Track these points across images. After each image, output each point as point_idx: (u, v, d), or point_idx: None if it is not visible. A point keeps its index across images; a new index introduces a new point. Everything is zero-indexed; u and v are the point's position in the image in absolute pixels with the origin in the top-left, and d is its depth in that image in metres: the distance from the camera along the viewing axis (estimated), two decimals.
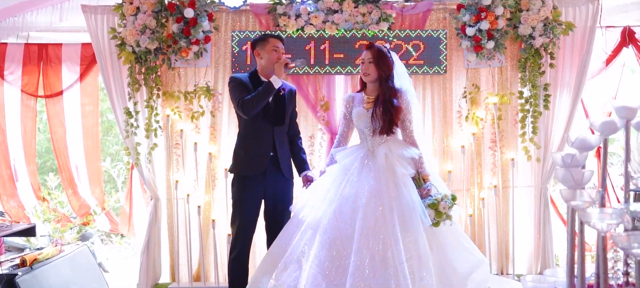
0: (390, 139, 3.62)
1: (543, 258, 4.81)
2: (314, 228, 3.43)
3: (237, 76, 3.86)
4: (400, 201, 3.37)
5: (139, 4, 4.63)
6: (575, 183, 1.46)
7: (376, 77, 3.65)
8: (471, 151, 4.81)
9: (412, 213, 3.33)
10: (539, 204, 4.82)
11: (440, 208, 3.35)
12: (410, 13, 4.82)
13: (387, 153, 3.54)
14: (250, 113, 3.69)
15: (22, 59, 5.58)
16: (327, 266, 3.27)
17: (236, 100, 3.75)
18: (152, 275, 4.86)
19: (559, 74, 4.76)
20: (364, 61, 3.68)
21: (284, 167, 3.83)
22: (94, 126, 5.74)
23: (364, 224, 3.30)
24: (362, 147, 3.69)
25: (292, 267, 3.38)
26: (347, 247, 3.28)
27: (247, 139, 3.83)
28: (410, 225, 3.29)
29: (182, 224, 4.87)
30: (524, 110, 4.70)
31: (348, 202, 3.43)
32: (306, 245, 3.41)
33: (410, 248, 3.23)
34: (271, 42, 3.80)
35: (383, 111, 3.57)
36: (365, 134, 3.68)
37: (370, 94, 3.71)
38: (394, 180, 3.45)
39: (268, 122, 3.78)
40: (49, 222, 5.81)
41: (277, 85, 3.68)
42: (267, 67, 3.80)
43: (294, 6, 4.72)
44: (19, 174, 5.78)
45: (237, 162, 3.87)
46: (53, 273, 4.20)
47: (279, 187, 3.85)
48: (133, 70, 4.71)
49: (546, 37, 4.60)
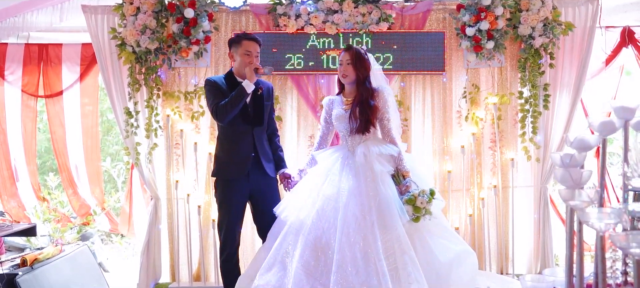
0: (369, 137, 3.67)
1: (543, 258, 4.81)
2: (298, 228, 3.48)
3: (213, 78, 3.84)
4: (378, 198, 3.41)
5: (139, 4, 4.64)
6: (574, 183, 1.46)
7: (354, 79, 3.70)
8: (471, 151, 4.81)
9: (390, 210, 3.37)
10: (538, 204, 4.82)
11: (417, 204, 3.37)
12: (410, 13, 4.83)
13: (366, 152, 3.58)
14: (225, 119, 3.68)
15: (22, 59, 5.59)
16: (311, 265, 3.33)
17: (210, 106, 3.74)
18: (152, 275, 4.86)
19: (558, 74, 4.77)
20: (342, 63, 3.72)
21: (266, 166, 3.83)
22: (93, 126, 5.75)
23: (344, 223, 3.35)
24: (343, 147, 3.76)
25: (276, 267, 3.43)
26: (330, 246, 3.34)
27: (228, 143, 3.81)
28: (388, 222, 3.34)
29: (182, 224, 4.87)
30: (523, 110, 4.71)
31: (330, 202, 3.48)
32: (290, 245, 3.46)
33: (392, 244, 3.29)
34: (244, 45, 3.76)
35: (360, 111, 3.62)
36: (344, 134, 3.76)
37: (348, 96, 3.77)
38: (372, 178, 3.49)
39: (247, 124, 3.77)
40: (49, 222, 5.81)
41: (249, 90, 3.66)
42: (239, 69, 3.80)
43: (294, 6, 4.73)
44: (19, 174, 5.78)
45: (219, 167, 3.86)
46: (53, 273, 4.21)
47: (263, 186, 3.83)
48: (133, 70, 4.71)
49: (546, 37, 4.60)
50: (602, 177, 1.62)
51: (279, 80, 4.88)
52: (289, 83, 4.89)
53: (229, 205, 3.81)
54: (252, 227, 4.47)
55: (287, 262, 3.41)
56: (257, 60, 3.80)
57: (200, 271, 4.86)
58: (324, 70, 4.79)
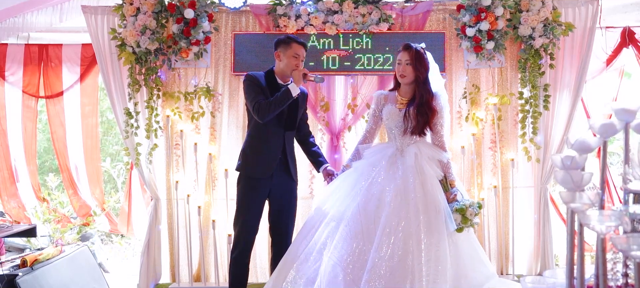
0: (420, 140, 3.60)
1: (543, 258, 4.80)
2: (338, 221, 3.40)
3: (253, 74, 3.82)
4: (426, 202, 3.34)
5: (139, 5, 4.63)
6: (574, 186, 1.46)
7: (413, 79, 3.61)
8: (471, 151, 4.81)
9: (438, 215, 3.31)
10: (538, 205, 4.82)
11: (467, 215, 3.34)
12: (410, 14, 4.82)
13: (417, 154, 3.51)
14: (266, 118, 3.66)
15: (22, 60, 5.58)
16: (346, 259, 3.24)
17: (252, 102, 3.71)
18: (153, 276, 4.86)
19: (558, 75, 4.76)
20: (400, 62, 3.63)
21: (292, 169, 3.84)
22: (93, 126, 5.74)
23: (387, 222, 3.27)
24: (391, 146, 3.67)
25: (313, 257, 3.37)
26: (368, 243, 3.26)
27: (257, 141, 3.80)
28: (434, 228, 3.27)
29: (182, 225, 4.87)
30: (524, 111, 4.70)
31: (373, 198, 3.40)
32: (328, 237, 3.39)
33: (431, 250, 3.21)
34: (294, 48, 3.76)
35: (418, 113, 3.54)
36: (395, 133, 3.66)
37: (404, 95, 3.68)
38: (422, 181, 3.42)
39: (280, 127, 3.77)
40: (49, 223, 5.81)
41: (295, 93, 3.65)
42: (284, 70, 3.79)
43: (294, 7, 4.73)
44: (19, 174, 5.78)
45: (245, 163, 3.84)
46: (54, 274, 4.21)
47: (285, 189, 3.84)
48: (133, 71, 4.71)
49: (546, 37, 4.60)
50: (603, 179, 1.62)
51: None
52: None
53: (248, 203, 3.80)
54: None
55: (325, 254, 3.33)
56: (302, 65, 3.81)
57: (201, 271, 4.86)
58: (324, 71, 4.78)
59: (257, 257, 4.86)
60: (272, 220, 3.90)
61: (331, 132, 4.83)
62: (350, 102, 4.84)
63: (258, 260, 4.86)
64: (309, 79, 3.76)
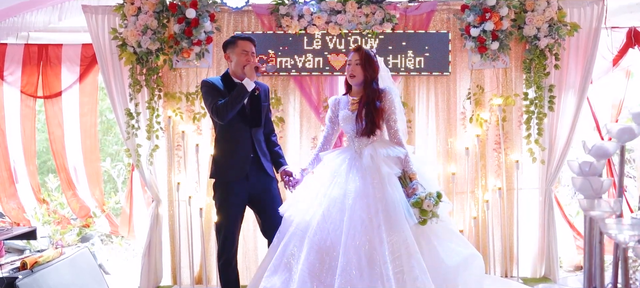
0: (376, 139, 3.61)
1: (547, 261, 4.76)
2: (303, 230, 3.43)
3: (209, 80, 3.79)
4: (385, 201, 3.36)
5: (140, 4, 4.59)
6: (594, 193, 1.42)
7: (362, 80, 3.63)
8: (475, 153, 4.77)
9: (397, 212, 3.32)
10: (543, 206, 4.78)
11: (424, 207, 3.32)
12: (414, 14, 4.78)
13: (373, 154, 3.53)
14: (226, 118, 3.62)
15: (21, 60, 5.54)
16: (316, 267, 3.28)
17: (210, 106, 3.69)
18: (154, 278, 4.82)
19: (563, 75, 4.73)
20: (350, 63, 3.65)
21: (266, 166, 3.78)
22: (92, 126, 5.70)
23: (350, 225, 3.30)
24: (350, 149, 3.69)
25: (281, 270, 3.39)
26: (336, 248, 3.29)
27: (226, 144, 3.75)
28: (395, 225, 3.29)
29: (183, 226, 4.82)
30: (528, 112, 4.66)
31: (336, 204, 3.43)
32: (295, 247, 3.41)
33: (399, 247, 3.23)
34: (240, 45, 3.72)
35: (366, 113, 3.57)
36: (351, 135, 3.69)
37: (355, 96, 3.70)
38: (380, 180, 3.43)
39: (245, 125, 3.72)
40: (49, 224, 5.76)
41: (250, 88, 3.60)
42: (236, 70, 3.74)
43: (297, 7, 4.68)
44: (18, 175, 5.73)
45: (217, 169, 3.80)
46: (54, 276, 4.15)
47: (264, 187, 3.77)
48: (134, 71, 4.66)
49: (551, 38, 4.56)
50: (620, 186, 1.58)
51: (281, 81, 4.83)
52: (292, 84, 4.84)
53: (227, 208, 3.76)
54: (255, 228, 4.43)
55: (293, 264, 3.36)
56: (254, 59, 3.75)
57: (202, 274, 4.81)
58: (327, 71, 4.74)
59: (260, 259, 4.81)
60: (261, 221, 3.85)
61: None
62: None
63: (260, 261, 4.80)
64: (261, 71, 3.71)
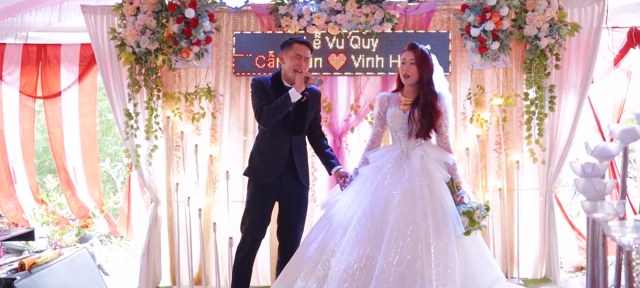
0: (426, 142, 3.53)
1: (548, 262, 4.75)
2: (345, 227, 3.35)
3: (259, 79, 3.77)
4: (434, 205, 3.27)
5: (139, 4, 4.57)
6: (597, 195, 1.40)
7: (417, 79, 3.53)
8: (476, 153, 4.75)
9: (446, 219, 3.24)
10: (544, 207, 4.76)
11: (474, 217, 3.27)
12: (414, 14, 4.76)
13: (423, 156, 3.45)
14: (268, 124, 3.63)
15: (20, 60, 5.53)
16: (353, 266, 3.18)
17: (255, 108, 3.69)
18: (153, 278, 4.80)
19: (564, 76, 4.71)
20: (405, 62, 3.54)
21: (300, 174, 3.76)
22: (92, 127, 5.68)
23: (395, 226, 3.21)
24: (396, 149, 3.59)
25: (321, 265, 3.32)
26: (376, 248, 3.19)
27: (264, 146, 3.76)
28: (443, 231, 3.20)
29: (182, 227, 4.80)
30: (529, 112, 4.65)
31: (380, 202, 3.34)
32: (336, 245, 3.33)
33: (439, 254, 3.15)
34: (295, 48, 3.68)
35: (422, 114, 3.47)
36: (399, 135, 3.57)
37: (407, 96, 3.59)
38: (429, 184, 3.36)
39: (286, 132, 3.70)
40: (47, 225, 5.74)
41: (294, 99, 3.57)
42: (288, 72, 3.71)
43: (297, 6, 4.66)
44: (17, 176, 5.72)
45: (252, 168, 3.82)
46: (52, 277, 4.13)
47: (294, 193, 3.78)
48: (133, 71, 4.64)
49: (552, 38, 4.54)
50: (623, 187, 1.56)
51: None
52: None
53: (255, 207, 3.77)
54: None
55: (332, 261, 3.28)
56: (307, 64, 3.72)
57: (201, 274, 4.79)
58: (327, 71, 4.72)
59: (259, 261, 4.78)
60: (281, 223, 3.85)
61: (334, 133, 4.77)
62: (353, 103, 4.78)
63: (260, 263, 4.79)
64: (310, 82, 3.67)
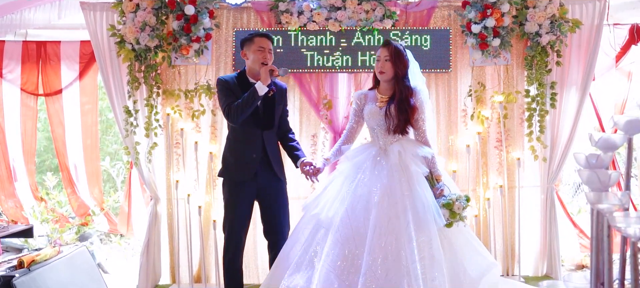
0: (403, 137, 3.55)
1: (549, 259, 4.74)
2: (327, 227, 3.36)
3: (224, 78, 3.75)
4: (414, 200, 3.29)
5: (138, 1, 4.55)
6: (601, 186, 1.38)
7: (392, 76, 3.55)
8: (476, 151, 4.73)
9: (426, 212, 3.26)
10: (545, 204, 4.74)
11: (454, 209, 3.28)
12: (415, 10, 4.74)
13: (401, 152, 3.46)
14: (238, 121, 3.60)
15: (20, 57, 5.51)
16: (339, 265, 3.19)
17: (223, 106, 3.67)
18: (152, 276, 4.78)
19: (565, 72, 4.69)
20: (379, 59, 3.57)
21: (276, 168, 3.75)
22: (93, 125, 5.67)
23: (377, 223, 3.22)
24: (374, 145, 3.62)
25: (304, 267, 3.32)
26: (360, 246, 3.21)
27: (236, 144, 3.74)
28: (424, 225, 3.23)
29: (182, 225, 4.79)
30: (530, 109, 4.63)
31: (361, 200, 3.35)
32: (318, 245, 3.34)
33: (424, 248, 3.17)
34: (257, 42, 3.68)
35: (398, 110, 3.49)
36: (377, 132, 3.60)
37: (383, 93, 3.62)
38: (408, 179, 3.37)
39: (257, 127, 3.69)
40: (47, 222, 5.73)
41: (261, 93, 3.56)
42: (253, 67, 3.71)
43: (297, 3, 4.64)
44: (17, 174, 5.70)
45: (226, 167, 3.80)
46: (51, 275, 4.11)
47: (272, 189, 3.76)
48: (132, 68, 4.62)
49: (553, 34, 4.52)
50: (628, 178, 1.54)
51: (281, 79, 4.78)
52: (292, 81, 4.80)
53: (234, 207, 3.74)
54: (253, 228, 4.39)
55: (316, 262, 3.28)
56: (271, 56, 3.71)
57: (201, 272, 4.78)
58: (327, 68, 4.70)
59: (258, 258, 4.79)
60: (265, 222, 3.82)
61: (334, 130, 4.75)
62: None
63: (260, 260, 4.78)
64: (275, 74, 3.65)
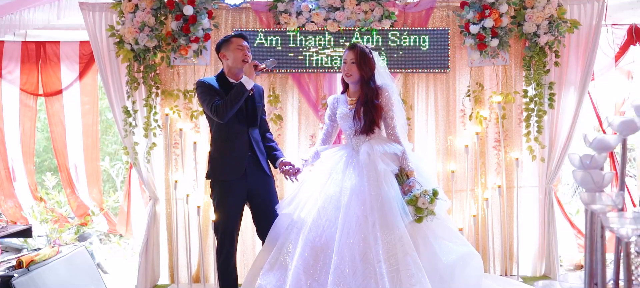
0: (374, 136, 3.60)
1: (547, 259, 4.74)
2: (299, 227, 3.43)
3: (205, 80, 3.76)
4: (380, 198, 3.34)
5: (137, 1, 4.55)
6: (595, 186, 1.39)
7: (358, 78, 3.62)
8: (475, 151, 4.74)
9: (392, 210, 3.30)
10: (543, 205, 4.75)
11: (419, 204, 3.29)
12: (413, 11, 4.75)
13: (369, 151, 3.51)
14: (226, 117, 3.60)
15: (20, 57, 5.52)
16: (310, 265, 3.27)
17: (208, 105, 3.66)
18: (151, 276, 4.79)
19: (564, 73, 4.70)
20: (346, 61, 3.63)
21: (263, 164, 3.77)
22: (93, 125, 5.68)
23: (345, 223, 3.29)
24: (347, 146, 3.71)
25: (277, 267, 3.39)
26: (330, 246, 3.28)
27: (223, 143, 3.73)
28: (391, 223, 3.27)
29: (181, 225, 4.79)
30: (528, 109, 4.64)
31: (332, 201, 3.43)
32: (291, 244, 3.42)
33: (395, 245, 3.21)
34: (234, 42, 3.72)
35: (364, 111, 3.56)
36: (349, 133, 3.69)
37: (352, 95, 3.70)
38: (376, 178, 3.41)
39: (243, 125, 3.70)
40: (46, 223, 5.73)
41: (249, 86, 3.58)
42: (234, 67, 3.72)
43: (295, 3, 4.65)
44: (16, 174, 5.71)
45: (214, 168, 3.77)
46: (50, 275, 4.12)
47: (261, 186, 3.76)
48: (131, 69, 4.63)
49: (551, 35, 4.53)
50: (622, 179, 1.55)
51: (279, 79, 4.80)
52: (290, 81, 4.81)
53: (225, 206, 3.73)
54: (252, 228, 4.39)
55: (288, 261, 3.35)
56: (250, 54, 3.75)
57: (200, 272, 4.78)
58: (326, 68, 4.71)
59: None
60: (258, 223, 3.82)
61: None
62: None
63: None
64: (260, 68, 3.67)
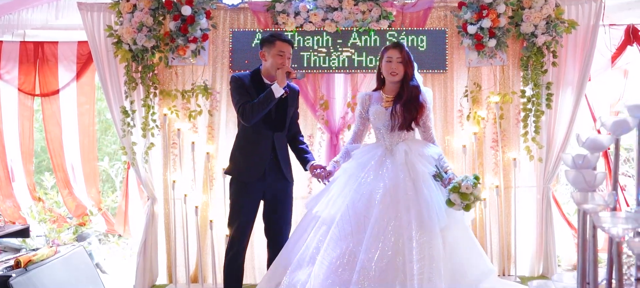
0: (409, 137, 3.57)
1: (545, 259, 4.75)
2: (328, 224, 3.36)
3: (239, 76, 3.73)
4: (418, 199, 3.28)
5: (135, 2, 4.56)
6: (587, 186, 1.39)
7: (402, 77, 3.58)
8: (472, 151, 4.74)
9: (430, 212, 3.24)
10: (541, 205, 4.75)
11: (462, 190, 3.24)
12: (411, 11, 4.76)
13: (407, 151, 3.47)
14: (251, 121, 3.60)
15: (18, 57, 5.52)
16: (335, 262, 3.19)
17: (237, 105, 3.66)
18: (149, 276, 4.80)
19: (561, 73, 4.70)
20: (391, 60, 3.57)
21: (284, 170, 3.75)
22: (90, 125, 5.68)
23: (376, 222, 3.22)
24: (380, 145, 3.62)
25: (306, 263, 3.33)
26: (358, 244, 3.21)
27: (246, 144, 3.73)
28: (426, 225, 3.21)
29: (179, 225, 4.80)
30: (526, 110, 4.64)
31: (363, 198, 3.35)
32: (320, 242, 3.34)
33: (424, 248, 3.15)
34: (278, 46, 3.66)
35: (406, 109, 3.52)
36: (382, 132, 3.61)
37: (389, 93, 3.64)
38: (413, 178, 3.37)
39: (268, 129, 3.69)
40: (44, 223, 5.74)
41: (278, 95, 3.56)
42: (269, 69, 3.70)
43: (293, 3, 4.65)
44: (15, 174, 5.71)
45: (235, 167, 3.78)
46: (48, 275, 4.13)
47: (279, 190, 3.76)
48: (130, 69, 4.64)
49: (549, 35, 4.54)
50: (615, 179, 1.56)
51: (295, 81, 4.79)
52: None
53: (241, 206, 3.74)
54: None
55: (317, 258, 3.28)
56: (289, 62, 3.71)
57: (198, 272, 4.79)
58: (324, 68, 4.71)
59: (255, 258, 4.79)
60: (267, 221, 3.83)
61: (330, 131, 4.76)
62: (349, 101, 4.78)
63: (256, 261, 4.79)
64: (292, 77, 3.66)
